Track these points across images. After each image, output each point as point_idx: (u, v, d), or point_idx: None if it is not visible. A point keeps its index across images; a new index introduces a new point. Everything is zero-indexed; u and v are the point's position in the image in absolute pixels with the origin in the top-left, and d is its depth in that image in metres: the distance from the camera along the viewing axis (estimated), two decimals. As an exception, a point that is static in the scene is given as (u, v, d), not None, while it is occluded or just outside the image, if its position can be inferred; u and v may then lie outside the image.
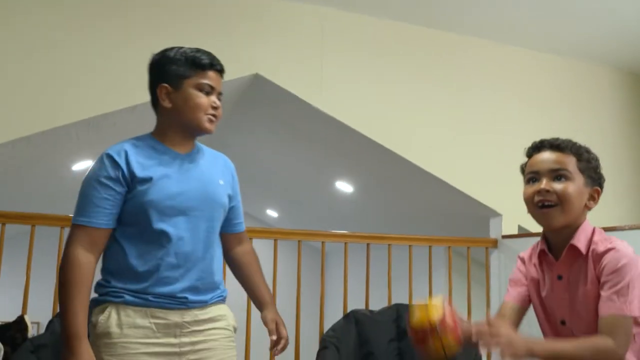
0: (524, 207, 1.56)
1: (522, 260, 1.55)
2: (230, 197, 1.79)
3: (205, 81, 1.65)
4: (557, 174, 1.42)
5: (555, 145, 1.45)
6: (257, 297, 1.91)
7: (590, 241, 1.40)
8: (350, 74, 4.01)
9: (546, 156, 1.45)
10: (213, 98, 1.67)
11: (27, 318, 2.53)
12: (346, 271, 3.59)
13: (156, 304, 1.58)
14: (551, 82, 4.53)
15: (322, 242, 3.60)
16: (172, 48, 1.70)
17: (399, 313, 3.17)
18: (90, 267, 1.54)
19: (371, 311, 3.20)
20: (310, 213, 7.42)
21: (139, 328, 1.55)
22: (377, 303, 3.39)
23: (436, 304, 1.34)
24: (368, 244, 3.66)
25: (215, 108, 1.67)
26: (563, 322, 1.39)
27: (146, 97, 1.74)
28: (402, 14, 4.05)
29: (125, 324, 1.54)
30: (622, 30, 4.19)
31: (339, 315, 3.14)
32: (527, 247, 1.60)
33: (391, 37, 4.14)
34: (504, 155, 3.91)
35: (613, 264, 1.34)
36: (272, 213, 8.35)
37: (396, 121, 4.06)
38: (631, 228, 3.07)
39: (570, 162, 1.42)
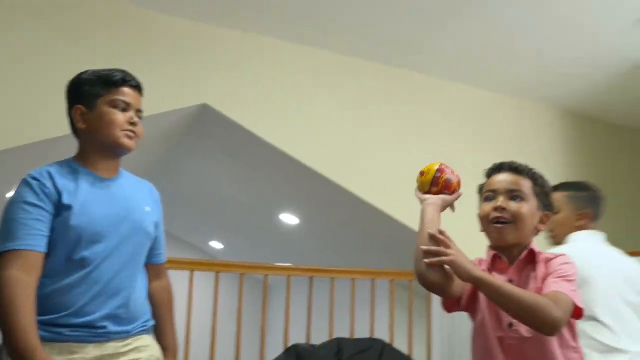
0: (469, 242, 1.59)
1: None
2: (155, 226, 1.73)
3: (120, 97, 1.62)
4: (513, 195, 1.51)
5: (514, 168, 1.56)
6: (161, 343, 1.76)
7: (539, 253, 1.53)
8: (297, 106, 4.05)
9: (504, 177, 1.55)
10: (130, 114, 1.63)
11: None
12: (289, 304, 3.57)
13: (72, 337, 1.49)
14: (492, 119, 4.70)
15: (265, 276, 3.59)
16: (86, 70, 1.67)
17: (339, 347, 3.17)
18: (29, 285, 1.44)
19: (312, 345, 3.19)
20: (255, 245, 7.36)
21: None
22: (319, 336, 3.38)
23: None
24: (311, 277, 3.66)
25: (132, 124, 1.62)
26: (511, 325, 1.43)
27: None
28: (350, 49, 4.14)
29: None
30: (557, 71, 4.43)
31: (281, 349, 3.12)
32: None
33: (339, 70, 4.21)
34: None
35: (563, 260, 1.47)
36: (216, 245, 8.24)
37: (341, 153, 4.10)
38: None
39: (526, 185, 1.53)
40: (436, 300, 3.95)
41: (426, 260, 1.39)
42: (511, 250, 1.51)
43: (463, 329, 1.61)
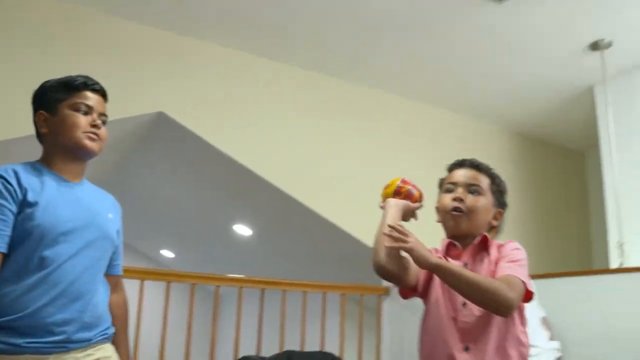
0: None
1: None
2: (117, 233, 1.73)
3: (81, 100, 1.63)
4: (472, 188, 1.62)
5: (475, 164, 1.67)
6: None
7: (491, 240, 1.64)
8: (253, 116, 4.06)
9: (465, 172, 1.66)
10: (92, 117, 1.64)
11: None
12: (239, 316, 3.56)
13: (29, 349, 1.45)
14: (447, 137, 4.81)
15: (217, 286, 3.57)
16: (50, 79, 1.69)
17: (290, 359, 3.17)
18: None
19: (262, 357, 3.18)
20: (207, 255, 7.29)
21: None
22: (270, 348, 3.37)
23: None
24: (263, 289, 3.66)
25: (95, 126, 1.63)
26: (464, 304, 1.51)
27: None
28: (308, 62, 4.20)
29: None
30: (510, 94, 4.58)
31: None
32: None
33: (296, 82, 4.26)
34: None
35: (514, 245, 1.58)
36: (167, 253, 8.11)
37: (296, 166, 4.13)
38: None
39: (484, 182, 1.64)
40: (386, 314, 4.01)
41: (387, 244, 1.46)
42: (465, 240, 1.61)
43: (413, 343, 1.66)
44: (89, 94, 1.66)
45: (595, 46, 3.91)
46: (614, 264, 3.85)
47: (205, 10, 3.65)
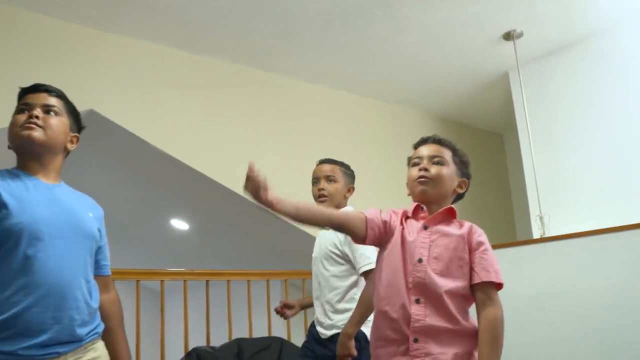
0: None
1: (394, 212, 1.81)
2: (100, 232, 1.76)
3: (21, 103, 1.68)
4: (436, 160, 1.77)
5: (437, 140, 1.83)
6: (115, 355, 1.78)
7: (455, 213, 1.79)
8: (183, 110, 4.08)
9: (429, 147, 1.81)
10: (31, 113, 1.65)
11: None
12: (186, 309, 3.60)
13: (24, 357, 1.46)
14: (370, 124, 5.00)
15: (162, 281, 3.59)
16: None
17: (240, 347, 3.26)
18: None
19: (213, 347, 3.25)
20: (148, 252, 7.19)
21: None
22: (219, 338, 3.44)
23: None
24: (207, 281, 3.71)
25: (31, 117, 1.64)
26: (420, 260, 1.65)
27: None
28: (232, 54, 4.25)
29: None
30: (431, 80, 4.82)
31: (181, 354, 3.15)
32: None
33: (222, 75, 4.30)
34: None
35: (484, 238, 1.72)
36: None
37: (226, 156, 4.16)
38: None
39: (447, 154, 1.80)
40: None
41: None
42: (431, 207, 1.75)
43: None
44: (29, 95, 1.70)
45: (507, 36, 4.21)
46: (535, 235, 4.14)
47: (128, 7, 3.62)
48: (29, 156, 1.67)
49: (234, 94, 4.33)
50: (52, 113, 1.69)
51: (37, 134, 1.64)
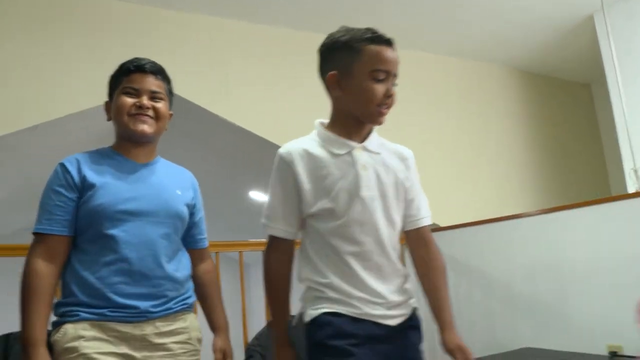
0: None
1: None
2: (189, 208, 1.77)
3: (128, 85, 1.67)
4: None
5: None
6: (211, 321, 1.85)
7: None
8: (249, 82, 4.05)
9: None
10: (139, 99, 1.66)
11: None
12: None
13: (113, 317, 1.53)
14: (445, 81, 4.79)
15: (240, 252, 3.62)
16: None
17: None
18: (48, 276, 1.53)
19: (293, 316, 3.25)
20: (227, 224, 7.37)
21: (97, 341, 1.51)
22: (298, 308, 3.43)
23: None
24: (287, 251, 3.69)
25: (140, 107, 1.65)
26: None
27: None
28: (300, 23, 4.17)
29: (83, 338, 1.50)
30: (507, 31, 4.54)
31: (262, 323, 3.16)
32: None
33: (291, 44, 4.23)
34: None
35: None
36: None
37: (296, 124, 4.05)
38: (537, 213, 3.31)
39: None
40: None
41: None
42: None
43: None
44: (136, 76, 1.68)
45: (591, -27, 3.86)
46: (630, 190, 3.90)
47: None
48: (133, 143, 1.70)
49: (300, 61, 4.26)
50: (157, 100, 1.69)
51: (150, 128, 1.66)
